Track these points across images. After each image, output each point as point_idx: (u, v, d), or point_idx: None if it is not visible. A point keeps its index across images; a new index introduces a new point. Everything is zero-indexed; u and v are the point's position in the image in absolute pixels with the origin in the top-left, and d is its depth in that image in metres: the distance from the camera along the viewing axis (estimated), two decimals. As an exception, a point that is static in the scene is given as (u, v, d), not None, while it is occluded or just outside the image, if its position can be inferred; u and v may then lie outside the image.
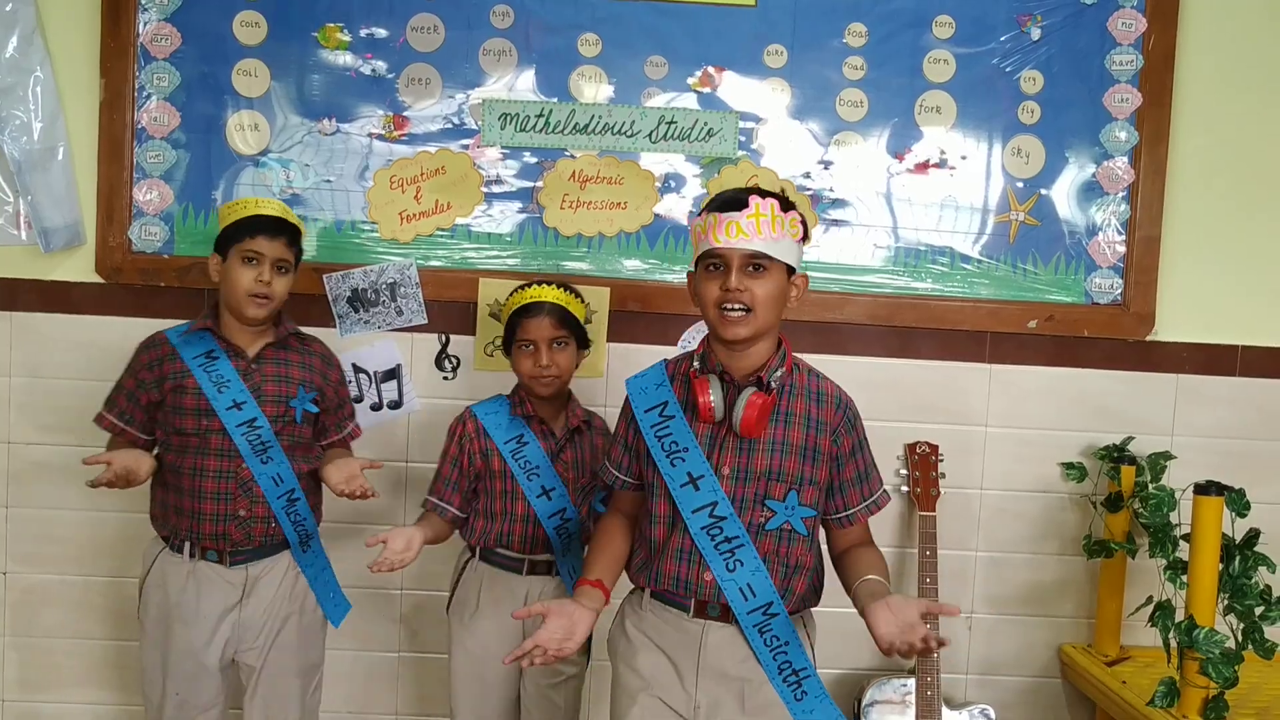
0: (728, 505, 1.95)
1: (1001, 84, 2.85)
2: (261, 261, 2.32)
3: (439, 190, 2.82)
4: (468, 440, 2.42)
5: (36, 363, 2.81)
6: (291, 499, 2.37)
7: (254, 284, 2.31)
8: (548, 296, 2.39)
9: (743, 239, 1.89)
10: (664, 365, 2.09)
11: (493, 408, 2.45)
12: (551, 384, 2.38)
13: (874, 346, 2.88)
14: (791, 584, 2.00)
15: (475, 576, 2.43)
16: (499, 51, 2.81)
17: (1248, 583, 2.43)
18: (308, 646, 2.47)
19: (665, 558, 2.00)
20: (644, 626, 2.06)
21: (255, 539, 2.36)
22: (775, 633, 1.98)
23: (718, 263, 1.94)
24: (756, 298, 1.92)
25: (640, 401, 2.05)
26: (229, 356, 2.36)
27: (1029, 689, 2.97)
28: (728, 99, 2.84)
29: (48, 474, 2.83)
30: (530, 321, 2.37)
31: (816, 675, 2.02)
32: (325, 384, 2.47)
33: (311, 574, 2.45)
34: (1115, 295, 2.89)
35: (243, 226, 2.33)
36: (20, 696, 2.88)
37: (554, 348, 2.37)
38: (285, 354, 2.43)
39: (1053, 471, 2.93)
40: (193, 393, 2.34)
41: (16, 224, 2.76)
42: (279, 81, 2.79)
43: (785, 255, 1.94)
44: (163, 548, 2.40)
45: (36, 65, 2.71)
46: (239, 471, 2.34)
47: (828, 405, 2.01)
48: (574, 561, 2.40)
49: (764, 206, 1.90)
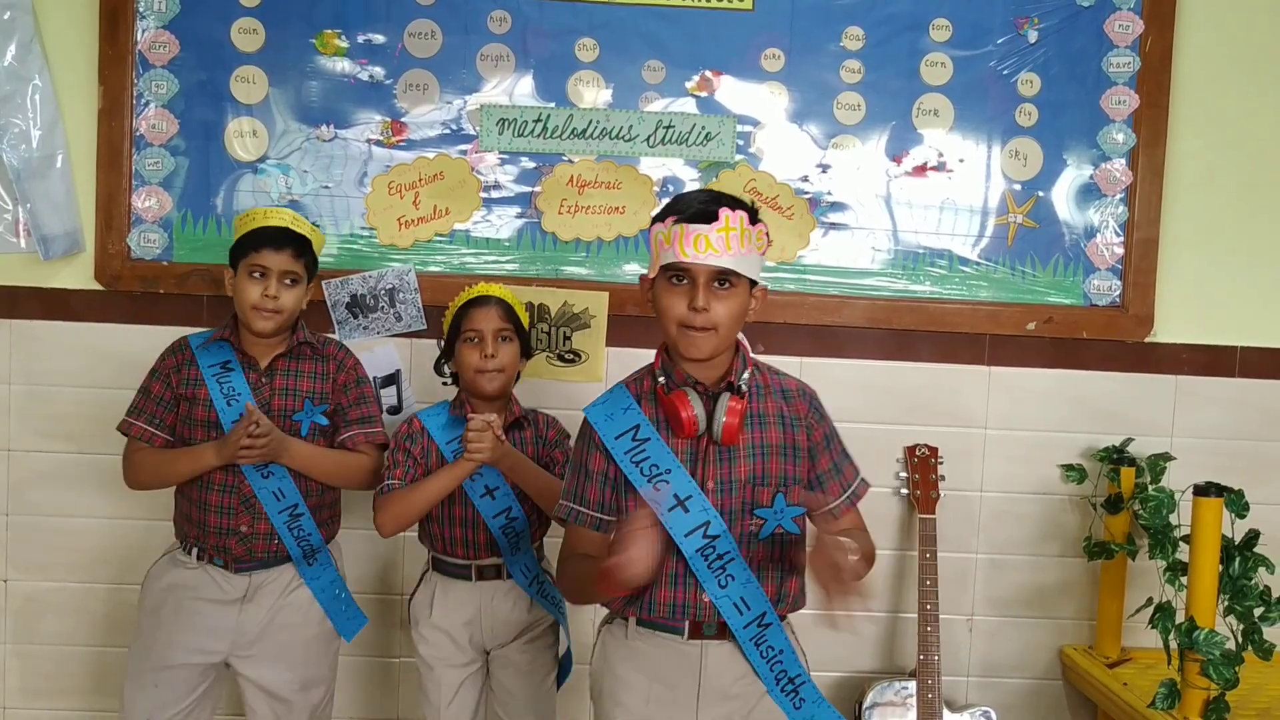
0: (720, 523, 1.88)
1: (999, 87, 2.86)
2: (268, 275, 2.31)
3: (437, 196, 2.82)
4: (408, 439, 2.40)
5: (36, 370, 2.81)
6: (294, 514, 2.36)
7: (260, 298, 2.30)
8: (495, 291, 2.43)
9: (712, 255, 1.81)
10: (624, 387, 1.99)
11: (434, 411, 2.45)
12: (495, 379, 2.37)
13: (873, 349, 2.88)
14: (786, 586, 1.96)
15: (428, 586, 2.44)
16: (496, 57, 2.81)
17: (1247, 584, 2.43)
18: (312, 660, 2.43)
19: (658, 586, 1.90)
20: (634, 659, 1.96)
21: (257, 554, 2.36)
22: (770, 643, 1.93)
23: (682, 275, 1.85)
24: (721, 318, 1.85)
25: (607, 429, 1.93)
26: (244, 368, 2.36)
27: (1030, 691, 2.97)
28: (725, 103, 2.84)
29: (48, 482, 2.83)
30: (478, 312, 2.38)
31: (811, 681, 1.98)
32: (335, 390, 2.43)
33: (317, 587, 2.42)
34: (1114, 297, 2.89)
35: (248, 240, 2.33)
36: (21, 704, 2.88)
37: (500, 340, 2.38)
38: (296, 365, 2.41)
39: (1052, 473, 2.93)
40: (203, 404, 2.34)
41: (15, 231, 2.76)
42: (277, 88, 2.80)
43: (751, 271, 1.88)
44: (177, 546, 2.42)
45: (35, 73, 2.72)
46: (242, 487, 2.33)
47: (796, 400, 1.97)
48: (525, 560, 2.40)
49: (734, 220, 1.81)
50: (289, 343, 2.40)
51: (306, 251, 2.37)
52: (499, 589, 2.40)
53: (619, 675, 1.98)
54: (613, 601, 1.98)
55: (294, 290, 2.35)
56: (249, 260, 2.32)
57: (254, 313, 2.31)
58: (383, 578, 2.87)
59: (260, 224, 2.34)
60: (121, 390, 2.73)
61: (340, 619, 2.46)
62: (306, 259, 2.37)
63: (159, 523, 2.69)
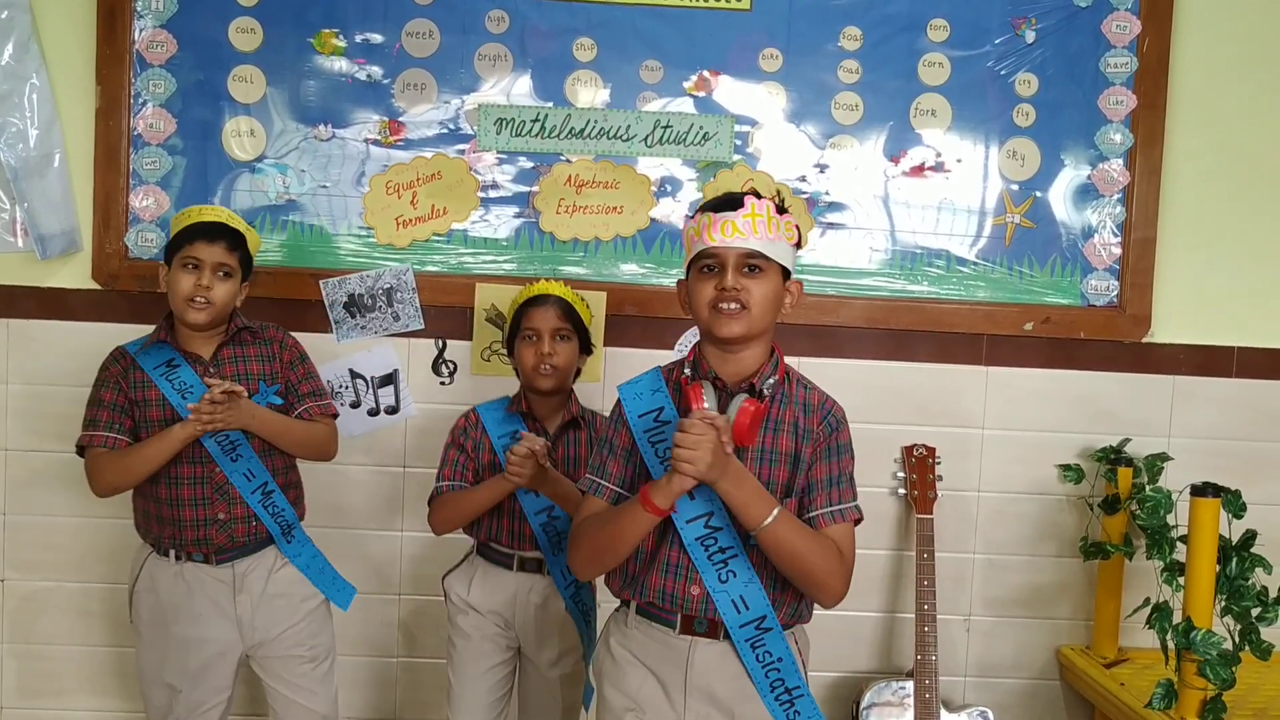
0: (723, 516, 1.89)
1: (996, 87, 2.86)
2: (201, 267, 2.32)
3: (435, 195, 2.82)
4: (463, 434, 2.45)
5: (33, 369, 2.81)
6: (266, 491, 2.38)
7: (193, 288, 2.32)
8: (554, 290, 2.45)
9: (739, 238, 1.85)
10: (659, 371, 2.02)
11: (493, 405, 2.49)
12: (552, 376, 2.39)
13: (870, 349, 2.88)
14: (784, 595, 1.94)
15: (470, 567, 2.47)
16: (494, 57, 2.81)
17: (1244, 584, 2.44)
18: (314, 632, 2.48)
19: (652, 570, 1.93)
20: (630, 645, 2.00)
21: (238, 540, 2.38)
22: (768, 648, 1.92)
23: (712, 263, 1.89)
24: (753, 296, 1.87)
25: (634, 406, 1.97)
26: (189, 363, 2.37)
27: (1027, 691, 2.98)
28: (723, 103, 2.84)
29: (44, 481, 2.82)
30: (536, 311, 2.41)
31: (810, 695, 1.96)
32: (284, 369, 2.45)
33: (301, 563, 2.45)
34: (1111, 297, 2.90)
35: (183, 235, 2.35)
36: (19, 704, 2.88)
37: (557, 340, 2.39)
38: (242, 350, 2.43)
39: (1050, 473, 2.93)
40: (157, 404, 2.35)
41: (13, 231, 2.75)
42: (275, 87, 2.79)
43: (781, 257, 1.90)
44: (150, 553, 2.41)
45: (32, 72, 2.71)
46: (213, 476, 2.35)
47: (814, 414, 1.96)
48: (565, 562, 2.40)
49: (759, 207, 1.86)
50: (228, 331, 2.42)
51: (240, 247, 2.39)
52: (537, 583, 2.43)
53: (617, 659, 2.02)
54: (611, 580, 2.00)
55: (227, 284, 2.35)
56: (183, 253, 2.34)
57: (187, 304, 2.32)
58: (383, 578, 2.87)
59: (195, 219, 2.37)
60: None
61: (330, 590, 2.50)
62: (240, 254, 2.39)
63: (156, 522, 2.70)
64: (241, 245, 2.39)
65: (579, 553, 1.97)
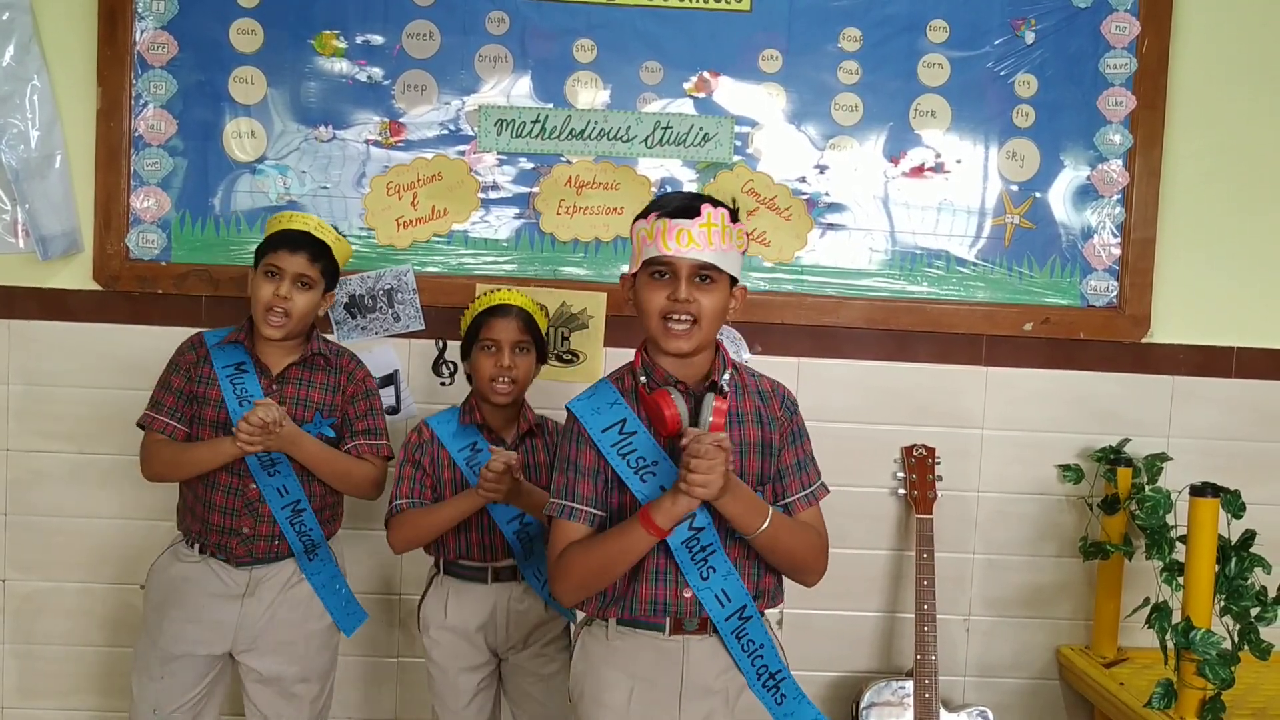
0: (705, 515, 1.88)
1: (996, 88, 2.86)
2: (281, 276, 2.32)
3: (435, 196, 2.83)
4: (418, 449, 2.41)
5: (34, 370, 2.81)
6: (297, 509, 2.37)
7: (271, 297, 2.31)
8: (516, 300, 2.42)
9: (694, 248, 1.84)
10: (608, 382, 1.99)
11: (443, 417, 2.45)
12: (509, 390, 2.37)
13: (870, 350, 2.89)
14: (764, 580, 1.96)
15: (441, 590, 2.43)
16: (495, 58, 2.82)
17: (1244, 584, 2.44)
18: (313, 654, 2.45)
19: (640, 583, 1.91)
20: (614, 659, 1.95)
21: (258, 554, 2.38)
22: (751, 637, 1.94)
23: (665, 270, 1.88)
24: (704, 310, 1.87)
25: (594, 422, 1.92)
26: (257, 373, 2.37)
27: (1027, 691, 2.98)
28: (723, 104, 2.84)
29: (46, 481, 2.83)
30: (497, 321, 2.38)
31: (791, 676, 1.98)
32: (345, 402, 2.43)
33: (318, 582, 2.43)
34: (1111, 298, 2.90)
35: (269, 241, 2.35)
36: (20, 704, 2.88)
37: (516, 352, 2.38)
38: (309, 375, 2.41)
39: (1049, 474, 2.93)
40: (214, 404, 2.35)
41: (14, 232, 2.76)
42: (276, 89, 2.80)
43: (732, 268, 1.91)
44: (180, 537, 2.43)
45: (33, 74, 2.72)
46: (247, 491, 2.34)
47: (772, 399, 1.98)
48: (538, 564, 2.40)
49: (715, 216, 1.86)
50: (303, 351, 2.40)
51: (324, 257, 2.37)
52: (514, 590, 2.41)
53: (600, 676, 1.97)
54: (588, 604, 1.96)
55: (306, 294, 2.35)
56: (266, 260, 2.34)
57: (265, 313, 2.32)
58: (383, 577, 2.88)
59: (283, 226, 2.37)
60: (120, 390, 2.75)
61: (340, 614, 2.47)
62: (323, 265, 2.37)
63: (158, 522, 2.71)
64: (325, 255, 2.37)
65: (567, 581, 1.91)
